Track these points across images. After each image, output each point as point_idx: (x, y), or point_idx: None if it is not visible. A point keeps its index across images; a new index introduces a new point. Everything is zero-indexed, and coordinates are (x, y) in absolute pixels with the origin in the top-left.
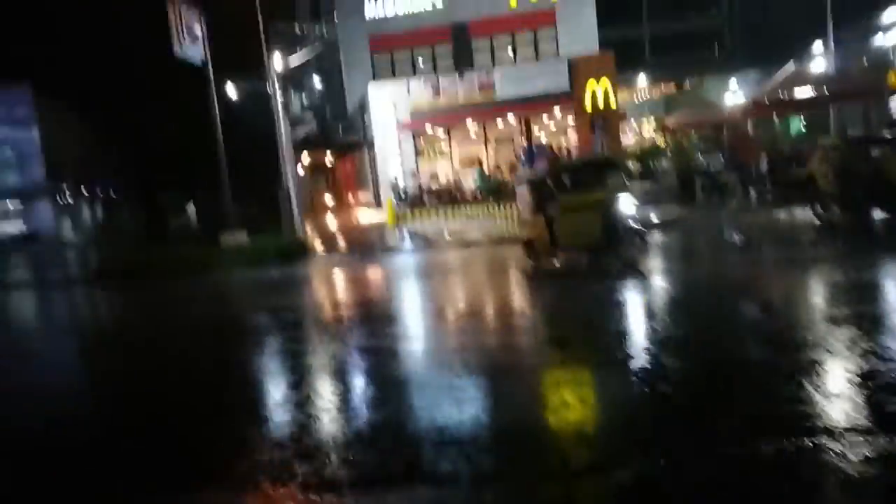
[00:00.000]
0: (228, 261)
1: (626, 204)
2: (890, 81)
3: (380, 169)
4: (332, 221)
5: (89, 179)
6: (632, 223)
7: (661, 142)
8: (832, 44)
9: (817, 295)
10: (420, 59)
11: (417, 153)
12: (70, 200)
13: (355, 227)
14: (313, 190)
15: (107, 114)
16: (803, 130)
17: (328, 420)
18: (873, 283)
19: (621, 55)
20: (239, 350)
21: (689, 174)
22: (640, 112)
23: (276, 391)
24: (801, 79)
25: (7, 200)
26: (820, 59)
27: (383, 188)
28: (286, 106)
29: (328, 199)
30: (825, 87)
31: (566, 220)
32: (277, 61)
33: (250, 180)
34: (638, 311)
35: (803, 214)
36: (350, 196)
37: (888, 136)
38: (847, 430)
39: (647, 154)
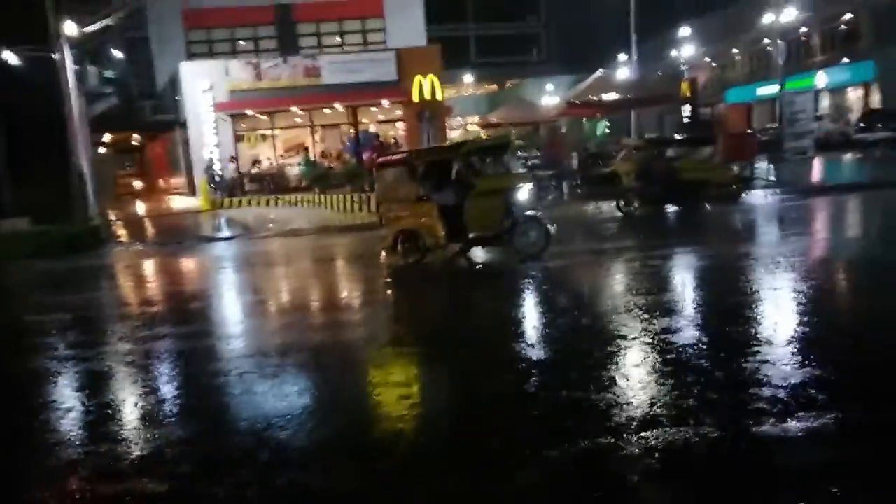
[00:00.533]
0: (2, 251)
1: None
2: (682, 90)
3: (193, 152)
4: (139, 207)
5: None
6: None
7: (484, 137)
8: (634, 55)
9: (618, 283)
10: (240, 40)
11: (237, 137)
12: None
13: (165, 213)
14: (119, 173)
15: None
16: (607, 131)
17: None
18: (669, 268)
19: (448, 53)
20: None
21: None
22: (465, 108)
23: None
24: (607, 84)
25: None
26: (624, 68)
27: (197, 173)
28: (81, 77)
29: (137, 183)
30: (627, 93)
31: (476, 205)
32: (69, 27)
33: (35, 161)
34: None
35: (609, 208)
36: (162, 181)
37: (681, 139)
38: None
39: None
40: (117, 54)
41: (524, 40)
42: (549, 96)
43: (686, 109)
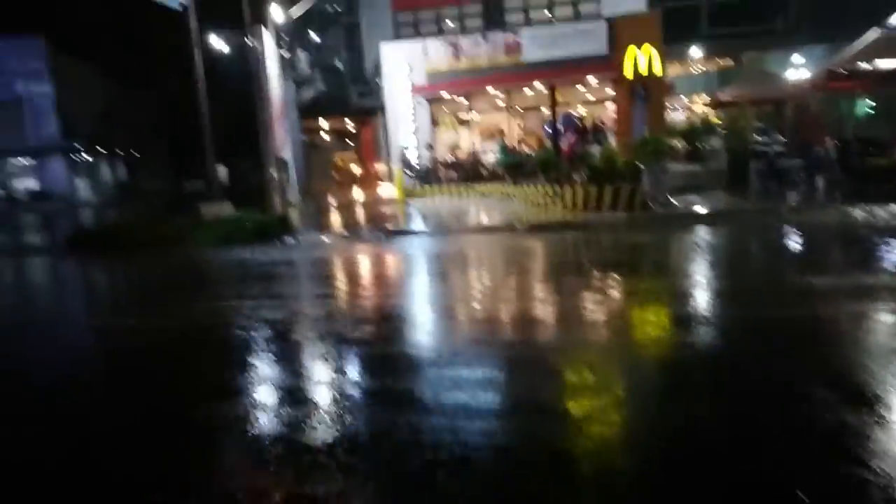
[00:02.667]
0: (197, 236)
1: None
2: None
3: (391, 139)
4: (345, 195)
5: (108, 137)
6: None
7: (714, 119)
8: None
9: None
10: (446, 18)
11: (433, 122)
12: (87, 158)
13: (365, 201)
14: (338, 158)
15: (119, 68)
16: (871, 113)
17: None
18: None
19: (674, 24)
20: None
21: (743, 157)
22: (692, 88)
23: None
24: (888, 46)
25: (20, 158)
26: None
27: (395, 160)
28: (291, 63)
29: (355, 168)
30: None
31: None
32: (275, 11)
33: (240, 145)
34: None
35: (883, 212)
36: (371, 167)
37: None
38: None
39: (696, 132)
40: (326, 39)
41: (767, 5)
42: (797, 70)
43: None
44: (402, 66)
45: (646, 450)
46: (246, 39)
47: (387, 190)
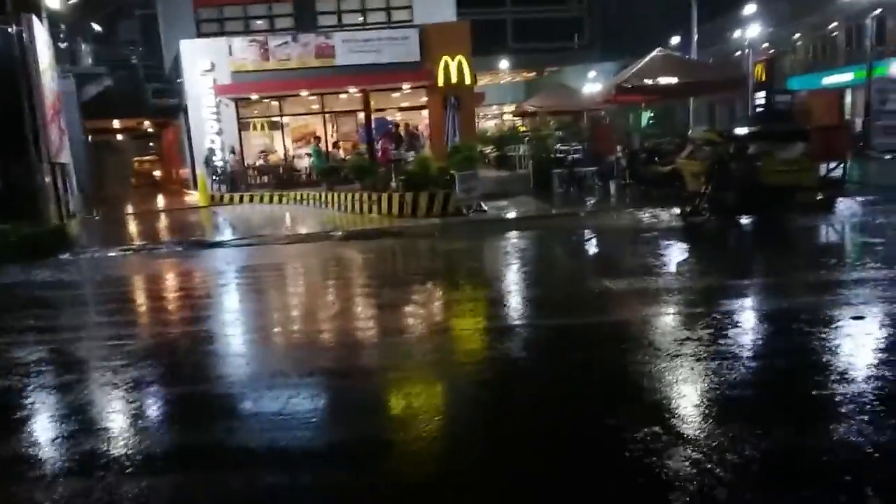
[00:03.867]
0: None
1: None
2: (756, 73)
3: (195, 141)
4: (144, 202)
5: None
6: None
7: (519, 128)
8: (695, 32)
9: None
10: (253, 18)
11: (242, 125)
12: None
13: (165, 209)
14: (138, 161)
15: None
16: (652, 123)
17: None
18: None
19: (483, 38)
20: None
21: (546, 164)
22: (500, 97)
23: None
24: (666, 64)
25: None
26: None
27: (198, 164)
28: (70, 56)
29: (156, 172)
30: (688, 76)
31: None
32: None
33: (8, 149)
34: None
35: (667, 216)
36: (175, 172)
37: (768, 132)
38: None
39: (505, 140)
40: (118, 32)
41: (565, 25)
42: (591, 84)
43: (759, 96)
44: (205, 64)
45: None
46: (9, 29)
47: (193, 196)
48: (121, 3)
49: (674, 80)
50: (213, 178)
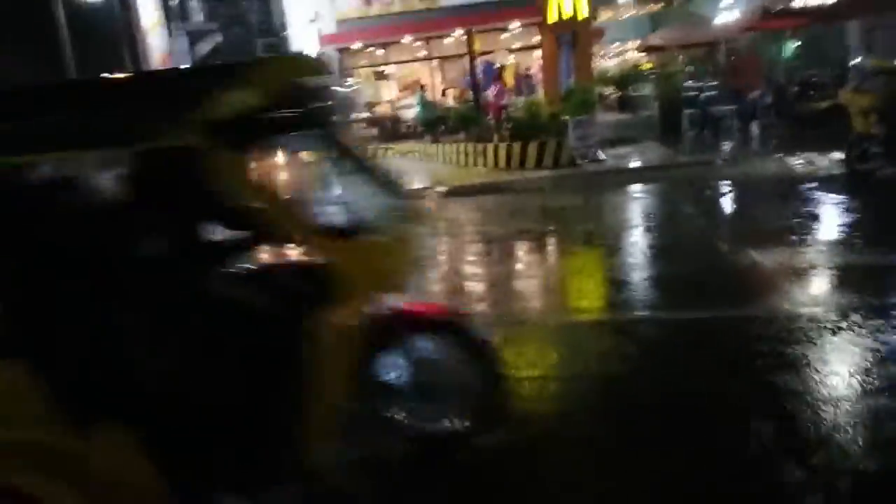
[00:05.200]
0: None
1: None
2: None
3: None
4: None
5: None
6: None
7: (644, 66)
8: None
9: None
10: None
11: (347, 76)
12: None
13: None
14: None
15: None
16: (797, 54)
17: None
18: None
19: None
20: None
21: (675, 104)
22: (622, 33)
23: None
24: None
25: None
26: None
27: None
28: (181, 13)
29: None
30: None
31: None
32: None
33: None
34: None
35: (827, 162)
36: None
37: None
38: None
39: (627, 79)
40: None
41: None
42: (728, 12)
43: None
44: (309, 14)
45: None
46: None
47: None
48: None
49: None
50: None
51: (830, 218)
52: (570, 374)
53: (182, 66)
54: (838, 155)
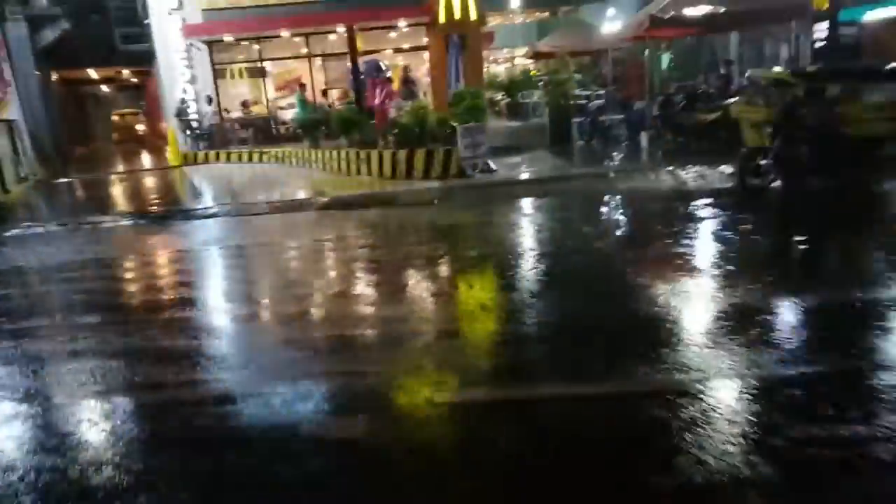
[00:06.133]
0: None
1: None
2: (816, 1)
3: (166, 92)
4: (117, 161)
5: None
6: None
7: (533, 72)
8: None
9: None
10: None
11: (217, 73)
12: None
13: (134, 169)
14: (117, 115)
15: None
16: (672, 66)
17: None
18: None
19: None
20: None
21: (565, 113)
22: (511, 39)
23: None
24: None
25: None
26: None
27: (170, 117)
28: None
29: (139, 126)
30: (740, 1)
31: None
32: None
33: None
34: None
35: (716, 175)
36: (157, 126)
37: (855, 70)
38: None
39: (517, 85)
40: None
41: None
42: (612, 23)
43: (820, 28)
44: (171, 1)
45: None
46: None
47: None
48: None
49: (721, 8)
50: (188, 133)
51: (731, 238)
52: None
53: None
54: (728, 168)
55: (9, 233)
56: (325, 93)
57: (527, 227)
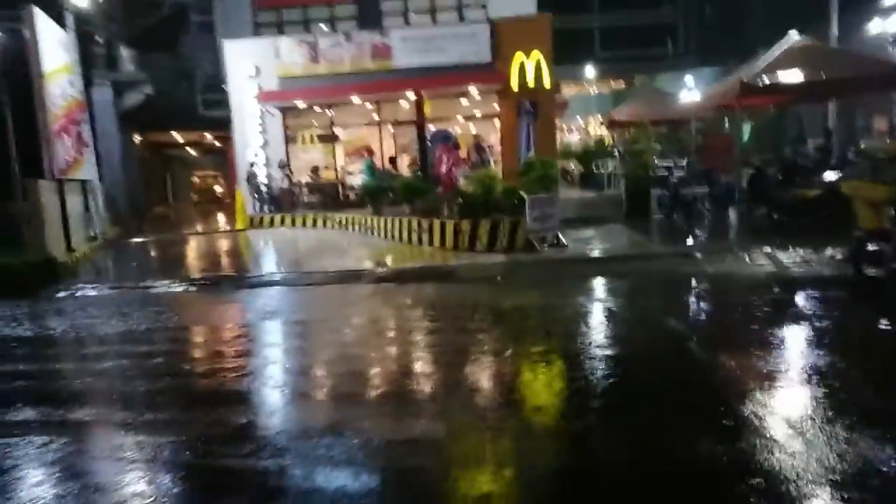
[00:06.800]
0: None
1: None
2: None
3: (238, 156)
4: (195, 222)
5: None
6: None
7: (608, 140)
8: (834, 24)
9: None
10: (314, 21)
11: (288, 138)
12: None
13: (205, 231)
14: (198, 177)
15: None
16: (751, 137)
17: None
18: None
19: (566, 46)
20: None
21: (643, 184)
22: (586, 109)
23: None
24: (806, 55)
25: None
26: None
27: (241, 181)
28: (107, 60)
29: (217, 188)
30: (841, 68)
31: None
32: None
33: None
34: None
35: (823, 261)
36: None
37: None
38: None
39: (591, 155)
40: (176, 41)
41: (657, 30)
42: (690, 91)
43: None
44: (249, 68)
45: None
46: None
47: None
48: (176, 8)
49: (822, 74)
50: (255, 196)
51: (847, 344)
52: None
53: None
54: (836, 253)
55: (59, 293)
56: (392, 160)
57: (600, 319)
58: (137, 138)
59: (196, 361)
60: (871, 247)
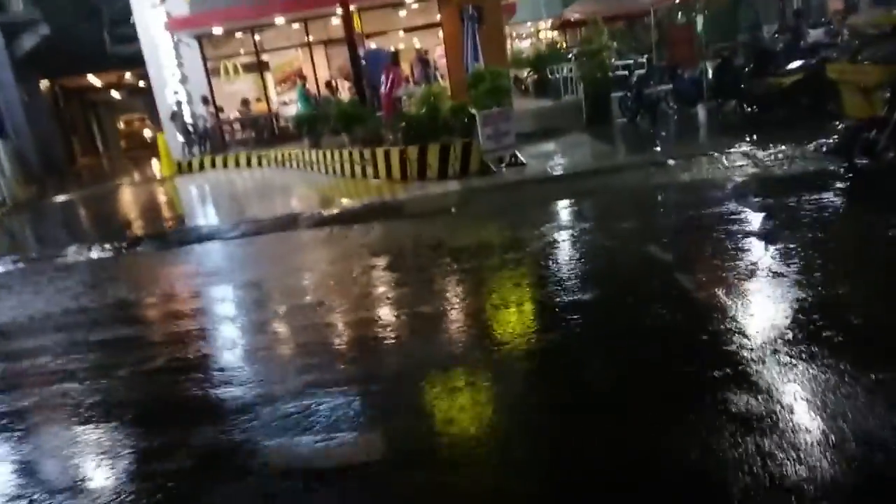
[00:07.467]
0: None
1: None
2: None
3: (156, 94)
4: (104, 176)
5: None
6: None
7: (561, 44)
8: None
9: None
10: None
11: (210, 70)
12: None
13: (120, 183)
14: (124, 122)
15: None
16: (706, 25)
17: None
18: None
19: None
20: None
21: (602, 88)
22: (535, 12)
23: None
24: None
25: None
26: None
27: (165, 123)
28: None
29: (147, 132)
30: None
31: None
32: None
33: None
34: None
35: (807, 155)
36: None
37: None
38: None
39: (545, 60)
40: None
41: None
42: None
43: None
44: None
45: None
46: None
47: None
48: None
49: None
50: (181, 138)
51: (862, 248)
52: None
53: None
54: (816, 145)
55: None
56: (329, 84)
57: (569, 250)
58: (45, 85)
59: (132, 355)
60: (863, 136)
